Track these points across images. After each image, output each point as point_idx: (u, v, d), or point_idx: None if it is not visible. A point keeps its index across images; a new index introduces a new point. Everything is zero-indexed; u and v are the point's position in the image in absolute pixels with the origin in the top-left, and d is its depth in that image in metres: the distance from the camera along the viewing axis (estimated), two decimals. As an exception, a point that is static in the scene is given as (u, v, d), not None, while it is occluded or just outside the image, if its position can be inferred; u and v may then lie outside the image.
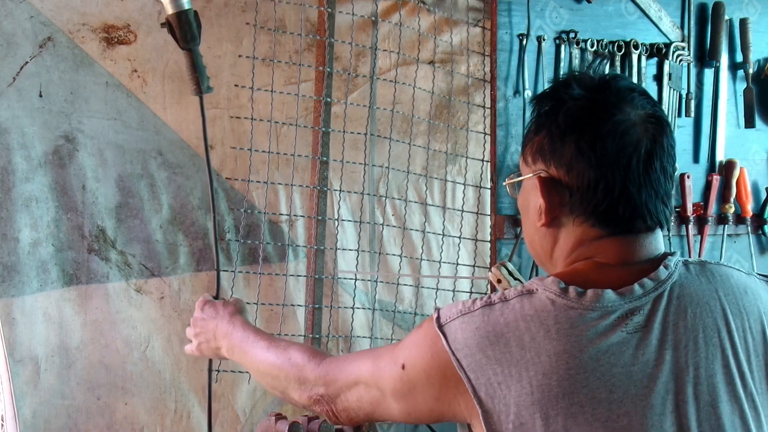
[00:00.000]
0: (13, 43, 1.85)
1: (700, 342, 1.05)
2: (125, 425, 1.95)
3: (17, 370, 1.83)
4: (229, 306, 1.50)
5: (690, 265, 1.12)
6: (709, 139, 2.70)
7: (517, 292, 1.05)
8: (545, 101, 1.14)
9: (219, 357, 1.53)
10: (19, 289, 1.84)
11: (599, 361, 1.00)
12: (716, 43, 2.65)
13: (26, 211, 1.86)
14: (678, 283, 1.08)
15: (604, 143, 1.07)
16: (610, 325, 1.01)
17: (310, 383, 1.27)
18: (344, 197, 2.13)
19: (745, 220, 2.69)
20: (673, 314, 1.05)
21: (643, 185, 1.09)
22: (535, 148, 1.13)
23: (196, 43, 1.46)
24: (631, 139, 1.08)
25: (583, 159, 1.08)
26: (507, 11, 2.36)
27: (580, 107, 1.10)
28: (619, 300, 1.03)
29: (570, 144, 1.08)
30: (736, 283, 1.12)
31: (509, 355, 1.01)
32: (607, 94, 1.11)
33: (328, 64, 2.03)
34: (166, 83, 1.98)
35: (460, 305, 1.07)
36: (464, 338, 1.03)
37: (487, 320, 1.03)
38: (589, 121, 1.08)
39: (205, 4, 2.01)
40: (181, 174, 2.00)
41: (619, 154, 1.07)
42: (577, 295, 1.03)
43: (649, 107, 1.12)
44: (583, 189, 1.08)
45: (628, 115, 1.09)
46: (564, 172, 1.09)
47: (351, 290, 2.13)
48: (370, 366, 1.17)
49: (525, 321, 1.02)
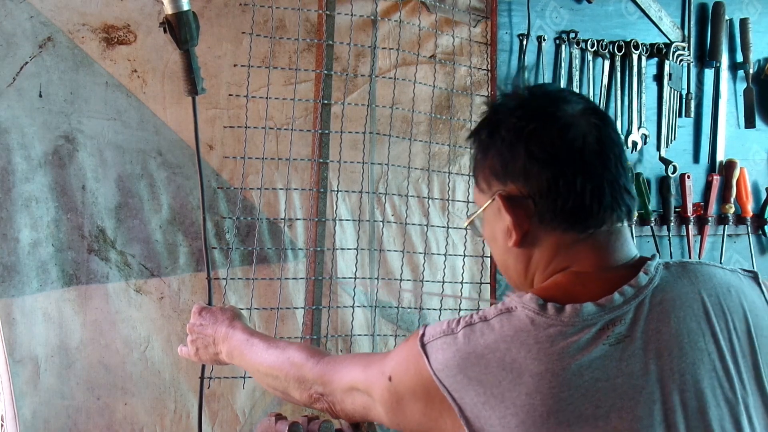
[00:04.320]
0: (13, 43, 1.85)
1: (684, 348, 1.04)
2: (125, 425, 1.95)
3: (17, 370, 1.83)
4: (227, 312, 1.51)
5: (671, 268, 1.11)
6: (709, 139, 2.70)
7: (496, 311, 1.05)
8: (483, 128, 1.14)
9: (217, 362, 1.53)
10: (19, 289, 1.84)
11: (582, 377, 0.99)
12: (716, 43, 2.65)
13: (26, 211, 1.86)
14: (660, 288, 1.06)
15: (552, 141, 1.07)
16: (591, 339, 1.00)
17: (309, 382, 1.28)
18: (344, 197, 2.13)
19: (745, 221, 2.69)
20: (655, 321, 1.04)
21: (602, 175, 1.08)
22: (488, 173, 1.12)
23: (193, 44, 1.46)
24: (576, 132, 1.07)
25: (536, 163, 1.07)
26: (507, 11, 2.36)
27: (519, 117, 1.09)
28: (599, 311, 1.02)
29: (520, 153, 1.08)
30: (719, 282, 1.10)
31: (491, 377, 1.00)
32: (540, 99, 1.12)
33: (327, 65, 2.03)
34: (166, 83, 1.98)
35: (445, 325, 1.06)
36: (445, 359, 1.03)
37: (467, 342, 1.03)
38: (532, 125, 1.08)
39: (205, 4, 2.01)
40: (180, 174, 2.00)
41: (570, 148, 1.07)
42: (555, 311, 1.01)
43: (584, 103, 1.12)
44: (545, 192, 1.07)
45: (566, 112, 1.09)
46: (522, 182, 1.09)
47: (350, 290, 2.13)
48: (361, 373, 1.18)
49: (505, 342, 1.01)
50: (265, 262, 2.06)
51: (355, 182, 2.12)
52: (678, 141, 2.63)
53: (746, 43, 2.69)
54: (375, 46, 2.16)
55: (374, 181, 2.19)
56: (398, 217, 2.21)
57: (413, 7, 2.19)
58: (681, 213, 2.60)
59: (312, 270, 2.03)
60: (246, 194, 2.03)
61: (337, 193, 2.07)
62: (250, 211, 2.04)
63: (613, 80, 2.52)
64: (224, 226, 2.04)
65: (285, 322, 2.06)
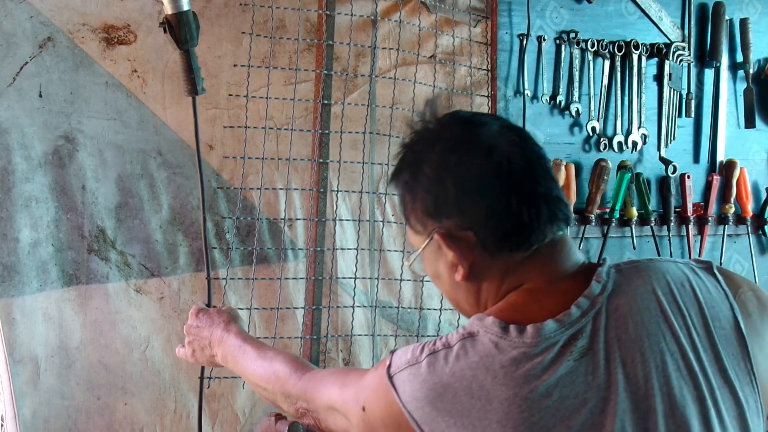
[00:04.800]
0: (13, 43, 1.85)
1: (646, 352, 1.02)
2: (125, 425, 1.95)
3: (17, 370, 1.83)
4: (223, 314, 1.50)
5: (623, 270, 1.09)
6: (709, 139, 2.70)
7: (459, 336, 1.03)
8: (403, 171, 1.12)
9: (214, 365, 1.53)
10: (19, 289, 1.84)
11: (551, 396, 0.97)
12: (716, 43, 2.65)
13: (26, 211, 1.86)
14: (614, 293, 1.05)
15: (477, 171, 1.05)
16: (555, 357, 0.99)
17: (294, 397, 1.28)
18: (344, 197, 2.13)
19: (745, 220, 2.69)
20: (614, 329, 1.02)
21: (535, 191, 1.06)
22: (420, 214, 1.10)
23: (193, 44, 1.46)
24: (500, 153, 1.06)
25: (468, 194, 1.06)
26: (507, 11, 2.36)
27: (440, 152, 1.08)
28: (560, 328, 1.00)
29: (449, 188, 1.06)
30: (673, 278, 1.08)
31: (459, 406, 0.98)
32: (455, 128, 1.10)
33: (326, 65, 2.03)
34: (166, 83, 1.98)
35: (409, 353, 1.05)
36: (412, 391, 1.02)
37: (432, 371, 1.01)
38: (455, 157, 1.07)
39: (205, 4, 2.01)
40: (180, 174, 2.00)
41: (499, 172, 1.05)
42: (518, 333, 1.00)
43: (497, 122, 1.11)
44: (484, 221, 1.06)
45: (484, 136, 1.07)
46: (457, 216, 1.07)
47: (350, 290, 2.13)
48: (338, 394, 1.17)
49: (471, 369, 0.99)
50: (265, 262, 2.06)
51: (355, 182, 2.12)
52: (678, 141, 2.63)
53: (746, 43, 2.69)
54: (375, 46, 2.16)
55: (374, 181, 2.19)
56: (398, 217, 2.21)
57: (413, 7, 2.19)
58: (681, 213, 2.60)
59: (312, 270, 2.03)
60: (246, 194, 2.03)
61: (337, 193, 2.07)
62: (250, 211, 2.04)
63: (613, 80, 2.52)
64: (224, 226, 2.04)
65: (285, 322, 2.06)
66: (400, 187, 1.13)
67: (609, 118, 2.52)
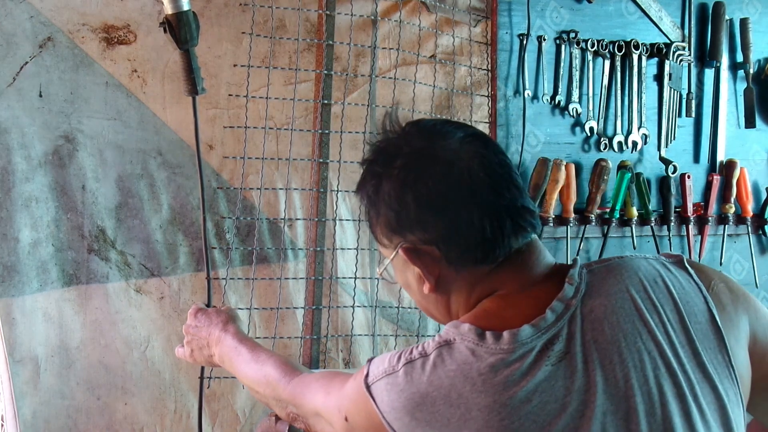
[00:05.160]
0: (13, 43, 1.85)
1: (624, 352, 1.01)
2: (125, 425, 1.95)
3: (17, 370, 1.83)
4: (222, 314, 1.51)
5: (595, 270, 1.08)
6: (709, 139, 2.70)
7: (435, 344, 1.02)
8: (366, 183, 1.12)
9: (212, 365, 1.54)
10: (19, 289, 1.84)
11: (531, 402, 0.97)
12: (716, 43, 2.65)
13: (26, 211, 1.86)
14: (588, 295, 1.04)
15: (438, 186, 1.04)
16: (533, 363, 0.98)
17: (284, 402, 1.29)
18: (344, 197, 2.13)
19: (745, 220, 2.69)
20: (590, 332, 1.02)
21: (497, 203, 1.05)
22: (385, 228, 1.10)
23: (193, 44, 1.46)
24: (459, 168, 1.05)
25: (428, 211, 1.05)
26: (507, 11, 2.36)
27: (399, 168, 1.07)
28: (536, 333, 1.00)
29: (409, 205, 1.05)
30: (645, 275, 1.08)
31: (438, 416, 0.98)
32: (415, 141, 1.08)
33: (326, 65, 2.03)
34: (166, 83, 1.98)
35: (386, 362, 1.04)
36: (390, 401, 1.01)
37: (410, 381, 1.00)
38: (413, 174, 1.06)
39: (205, 4, 2.01)
40: (180, 174, 2.00)
41: (458, 187, 1.04)
42: (494, 339, 0.99)
43: (460, 131, 1.09)
44: (446, 237, 1.05)
45: (444, 149, 1.06)
46: (420, 232, 1.06)
47: (350, 290, 2.13)
48: (322, 402, 1.17)
49: (449, 377, 0.98)
50: (265, 262, 2.06)
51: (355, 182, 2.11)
52: (678, 141, 2.63)
53: (746, 43, 2.69)
54: (375, 46, 2.16)
55: (374, 181, 2.18)
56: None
57: (413, 7, 2.19)
58: (681, 213, 2.60)
59: (312, 270, 2.03)
60: (246, 194, 2.03)
61: (337, 193, 2.07)
62: (250, 211, 2.04)
63: (613, 80, 2.52)
64: (224, 226, 2.04)
65: (285, 322, 2.06)
66: (364, 201, 1.13)
67: (609, 118, 2.52)
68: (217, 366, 1.53)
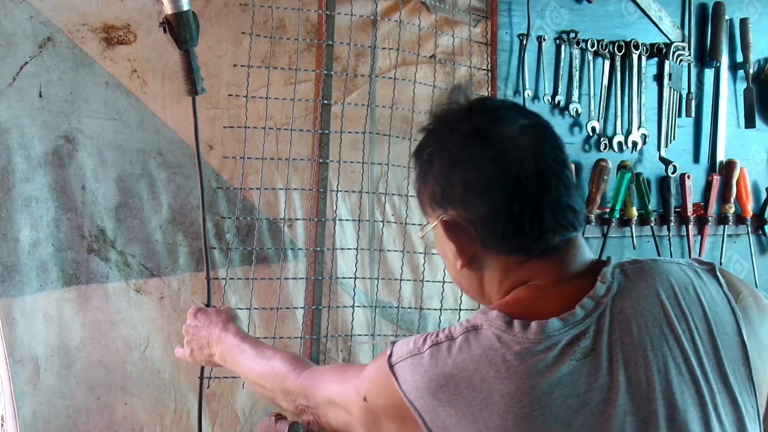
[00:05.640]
0: (13, 43, 1.85)
1: (649, 355, 1.02)
2: (125, 425, 1.95)
3: (17, 370, 1.83)
4: (221, 314, 1.51)
5: (627, 271, 1.08)
6: (709, 139, 2.70)
7: (462, 329, 1.03)
8: (422, 150, 1.13)
9: (212, 364, 1.54)
10: (19, 289, 1.84)
11: (553, 394, 0.97)
12: (716, 43, 2.65)
13: (26, 211, 1.86)
14: (618, 296, 1.05)
15: (487, 171, 1.05)
16: (558, 356, 0.99)
17: (294, 394, 1.29)
18: (344, 197, 2.13)
19: (745, 220, 2.69)
20: (618, 332, 1.02)
21: (542, 198, 1.06)
22: (430, 198, 1.11)
23: (193, 44, 1.46)
24: (511, 157, 1.05)
25: (472, 193, 1.06)
26: (507, 11, 2.36)
27: (453, 143, 1.08)
28: (564, 327, 1.01)
29: (456, 182, 1.07)
30: (676, 281, 1.08)
31: (460, 398, 0.99)
32: (476, 119, 1.09)
33: (326, 65, 2.03)
34: (166, 83, 1.98)
35: (411, 343, 1.05)
36: (413, 381, 1.02)
37: (435, 362, 1.01)
38: (465, 153, 1.06)
39: (205, 4, 2.01)
40: (180, 174, 2.00)
41: (505, 176, 1.05)
42: (522, 328, 1.00)
43: (523, 118, 1.09)
44: (484, 221, 1.06)
45: (501, 134, 1.06)
46: (461, 210, 1.07)
47: (350, 290, 2.13)
48: (338, 387, 1.17)
49: (473, 361, 1.00)
50: (264, 262, 2.06)
51: (355, 182, 2.12)
52: (678, 141, 2.63)
53: (746, 43, 2.69)
54: (375, 46, 2.16)
55: (374, 181, 2.19)
56: (398, 217, 2.21)
57: (413, 7, 2.19)
58: (681, 213, 2.60)
59: (312, 270, 2.03)
60: (246, 194, 2.03)
61: (337, 193, 2.07)
62: (250, 211, 2.04)
63: (613, 80, 2.52)
64: (224, 226, 2.04)
65: (285, 322, 2.06)
66: (416, 168, 1.14)
67: (609, 118, 2.53)
68: (217, 365, 1.53)
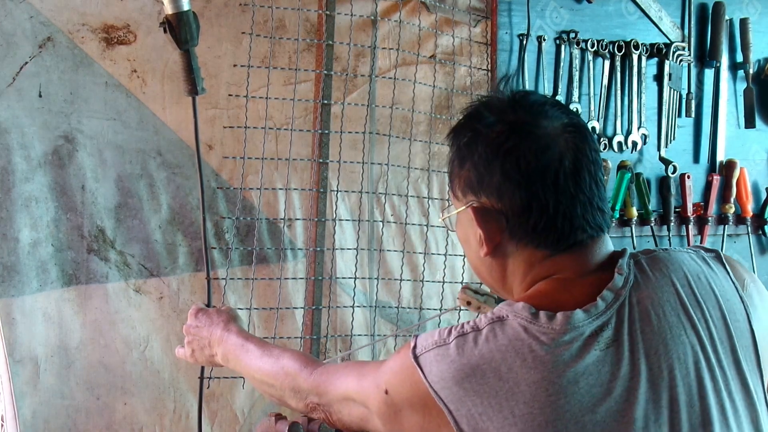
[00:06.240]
0: (13, 43, 1.85)
1: (669, 344, 1.05)
2: (124, 425, 1.95)
3: (17, 370, 1.83)
4: (223, 314, 1.51)
5: (642, 262, 1.12)
6: (709, 139, 2.70)
7: (488, 320, 1.05)
8: (462, 133, 1.14)
9: (213, 364, 1.53)
10: (19, 289, 1.84)
11: (578, 384, 0.99)
12: (716, 43, 2.65)
13: (26, 211, 1.86)
14: (635, 287, 1.08)
15: (527, 163, 1.07)
16: (583, 346, 1.01)
17: (305, 392, 1.28)
18: (344, 197, 2.13)
19: (745, 220, 2.69)
20: (638, 321, 1.05)
21: (576, 197, 1.08)
22: (463, 182, 1.13)
23: (193, 44, 1.46)
24: (553, 153, 1.07)
25: (510, 183, 1.08)
26: (507, 11, 2.36)
27: (498, 133, 1.09)
28: (587, 318, 1.03)
29: (495, 171, 1.08)
30: (689, 270, 1.12)
31: (487, 387, 1.00)
32: (520, 113, 1.11)
33: (326, 65, 2.03)
34: (166, 83, 1.98)
35: (436, 335, 1.06)
36: (440, 371, 1.03)
37: (461, 353, 1.03)
38: (509, 144, 1.08)
39: (205, 4, 2.01)
40: (180, 174, 2.00)
41: (545, 171, 1.07)
42: (547, 319, 1.02)
43: (565, 117, 1.11)
44: (517, 212, 1.08)
45: (545, 130, 1.09)
46: (495, 199, 1.09)
47: (350, 290, 2.13)
48: (356, 383, 1.17)
49: (500, 351, 1.01)
50: (264, 262, 2.07)
51: (355, 182, 2.12)
52: (678, 141, 2.63)
53: (746, 43, 2.69)
54: (375, 46, 2.16)
55: (374, 181, 2.19)
56: (398, 217, 2.21)
57: (413, 7, 2.19)
58: (681, 213, 2.60)
59: (312, 270, 2.03)
60: (246, 194, 2.03)
61: (336, 193, 2.07)
62: (249, 211, 2.04)
63: (613, 80, 2.52)
64: (224, 226, 2.04)
65: (284, 322, 2.06)
66: (453, 148, 1.15)
67: (609, 118, 2.53)
68: (218, 366, 1.52)
